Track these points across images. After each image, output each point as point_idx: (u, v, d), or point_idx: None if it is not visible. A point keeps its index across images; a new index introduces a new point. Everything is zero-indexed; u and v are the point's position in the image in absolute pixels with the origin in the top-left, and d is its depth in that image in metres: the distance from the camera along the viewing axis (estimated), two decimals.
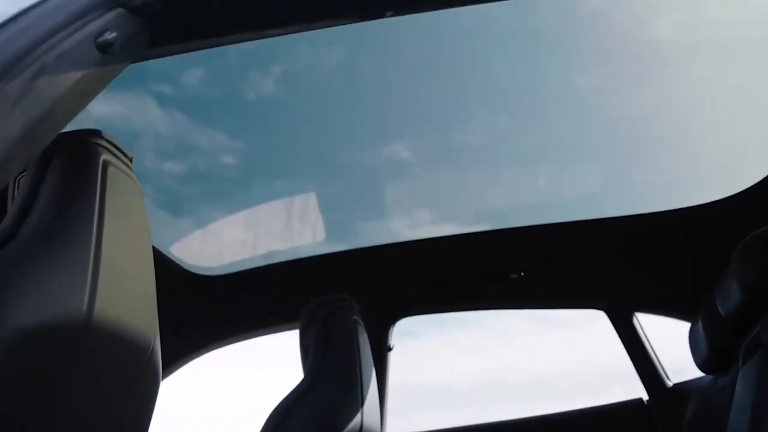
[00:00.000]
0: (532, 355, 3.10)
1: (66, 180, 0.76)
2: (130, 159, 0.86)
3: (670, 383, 2.35)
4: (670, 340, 2.39)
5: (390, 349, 2.50)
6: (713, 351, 1.80)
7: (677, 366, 2.37)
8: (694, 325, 1.94)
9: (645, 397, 2.36)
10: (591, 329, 2.61)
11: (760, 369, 1.45)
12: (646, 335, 2.39)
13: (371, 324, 2.01)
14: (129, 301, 0.79)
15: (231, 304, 2.50)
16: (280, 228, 2.46)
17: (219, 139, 2.12)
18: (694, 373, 2.10)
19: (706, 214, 2.17)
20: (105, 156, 0.80)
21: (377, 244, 2.43)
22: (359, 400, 1.54)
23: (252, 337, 2.59)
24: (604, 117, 2.13)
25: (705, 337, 1.82)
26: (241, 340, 2.57)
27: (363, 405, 1.55)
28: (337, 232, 2.48)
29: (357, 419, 1.51)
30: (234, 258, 2.46)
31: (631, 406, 2.36)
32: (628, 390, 2.39)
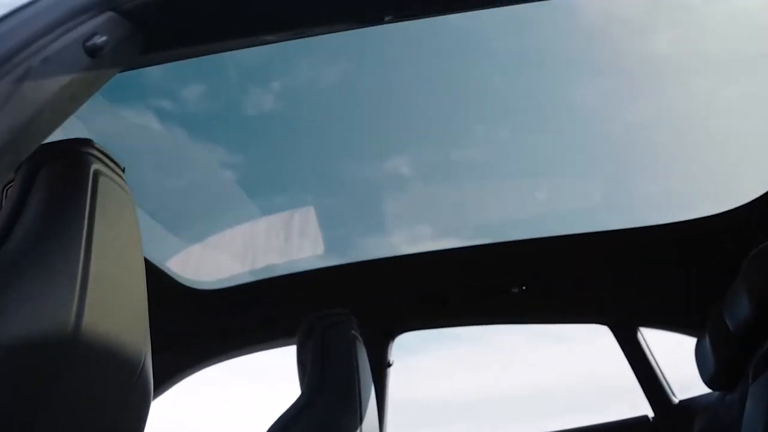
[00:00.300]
0: (533, 371, 3.09)
1: (55, 190, 0.74)
2: (122, 169, 0.84)
3: (676, 400, 2.32)
4: (676, 356, 2.37)
5: (389, 365, 2.47)
6: (721, 366, 1.78)
7: (682, 382, 2.34)
8: (701, 340, 1.91)
9: (650, 414, 2.32)
10: (594, 344, 2.58)
11: None
12: (650, 350, 2.36)
13: (370, 339, 1.99)
14: (119, 314, 0.77)
15: (228, 318, 2.47)
16: (278, 242, 2.45)
17: (218, 154, 2.12)
18: (701, 389, 2.07)
19: (710, 227, 2.14)
20: (96, 165, 0.78)
21: (376, 257, 2.41)
22: (358, 418, 1.52)
23: (249, 352, 2.56)
24: (604, 131, 2.13)
25: (712, 352, 1.80)
26: (237, 355, 2.55)
27: (362, 423, 1.52)
28: (336, 247, 2.48)
29: None
30: (231, 272, 2.45)
31: (636, 424, 2.33)
32: (633, 406, 2.37)
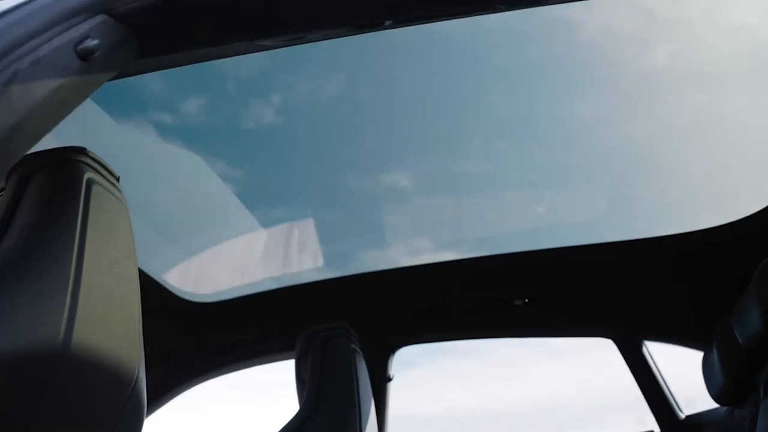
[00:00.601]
0: (535, 385, 3.06)
1: (46, 199, 0.72)
2: (117, 178, 0.82)
3: (683, 415, 2.28)
4: (680, 370, 2.33)
5: (390, 380, 2.43)
6: (730, 381, 1.74)
7: (687, 397, 2.30)
8: (709, 354, 1.88)
9: (656, 429, 2.28)
10: (598, 358, 2.55)
11: None
12: (656, 364, 2.32)
13: (370, 353, 1.97)
14: (111, 326, 0.74)
15: (226, 332, 2.45)
16: (276, 255, 2.43)
17: (218, 166, 2.11)
18: (708, 404, 2.04)
19: (714, 239, 2.12)
20: (89, 174, 0.76)
21: (376, 270, 2.38)
22: None
23: (247, 366, 2.53)
24: (604, 144, 2.12)
25: (721, 366, 1.77)
26: (235, 369, 2.51)
27: None
28: (335, 261, 2.47)
29: None
30: (229, 285, 2.43)
31: None
32: (639, 422, 2.33)
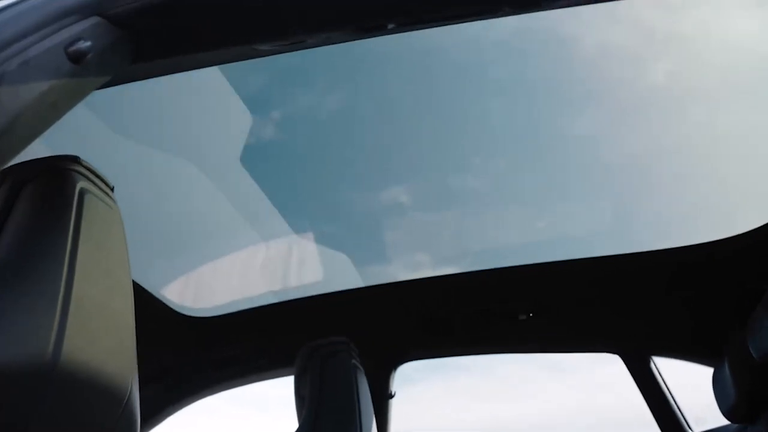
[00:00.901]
0: (539, 402, 3.03)
1: (38, 209, 0.70)
2: (111, 188, 0.81)
3: None
4: (688, 386, 2.30)
5: (392, 396, 2.40)
6: (742, 397, 1.71)
7: (697, 414, 2.27)
8: (719, 369, 1.84)
9: None
10: (604, 374, 2.52)
11: None
12: (664, 380, 2.28)
13: (371, 369, 1.93)
14: (103, 340, 0.72)
15: (223, 347, 2.41)
16: (276, 269, 2.41)
17: (216, 180, 2.08)
18: (718, 421, 2.00)
19: (720, 252, 2.09)
20: (82, 183, 0.74)
21: (377, 283, 2.36)
22: None
23: (246, 383, 2.49)
24: (603, 159, 2.12)
25: (733, 382, 1.74)
26: (234, 386, 2.47)
27: None
28: (335, 275, 2.44)
29: None
30: (227, 299, 2.40)
31: None
32: None
